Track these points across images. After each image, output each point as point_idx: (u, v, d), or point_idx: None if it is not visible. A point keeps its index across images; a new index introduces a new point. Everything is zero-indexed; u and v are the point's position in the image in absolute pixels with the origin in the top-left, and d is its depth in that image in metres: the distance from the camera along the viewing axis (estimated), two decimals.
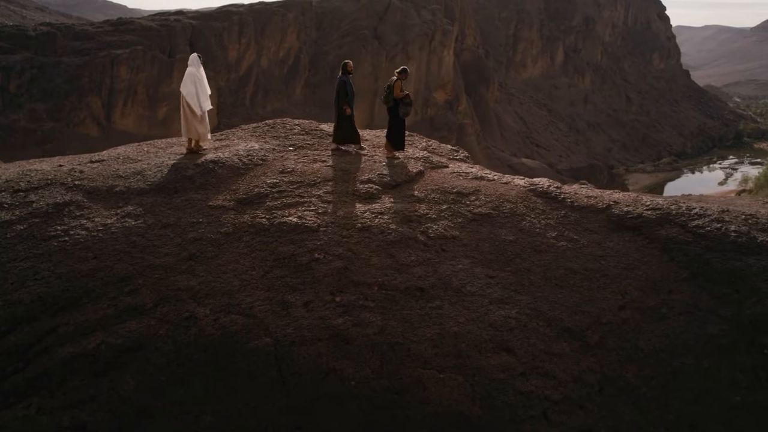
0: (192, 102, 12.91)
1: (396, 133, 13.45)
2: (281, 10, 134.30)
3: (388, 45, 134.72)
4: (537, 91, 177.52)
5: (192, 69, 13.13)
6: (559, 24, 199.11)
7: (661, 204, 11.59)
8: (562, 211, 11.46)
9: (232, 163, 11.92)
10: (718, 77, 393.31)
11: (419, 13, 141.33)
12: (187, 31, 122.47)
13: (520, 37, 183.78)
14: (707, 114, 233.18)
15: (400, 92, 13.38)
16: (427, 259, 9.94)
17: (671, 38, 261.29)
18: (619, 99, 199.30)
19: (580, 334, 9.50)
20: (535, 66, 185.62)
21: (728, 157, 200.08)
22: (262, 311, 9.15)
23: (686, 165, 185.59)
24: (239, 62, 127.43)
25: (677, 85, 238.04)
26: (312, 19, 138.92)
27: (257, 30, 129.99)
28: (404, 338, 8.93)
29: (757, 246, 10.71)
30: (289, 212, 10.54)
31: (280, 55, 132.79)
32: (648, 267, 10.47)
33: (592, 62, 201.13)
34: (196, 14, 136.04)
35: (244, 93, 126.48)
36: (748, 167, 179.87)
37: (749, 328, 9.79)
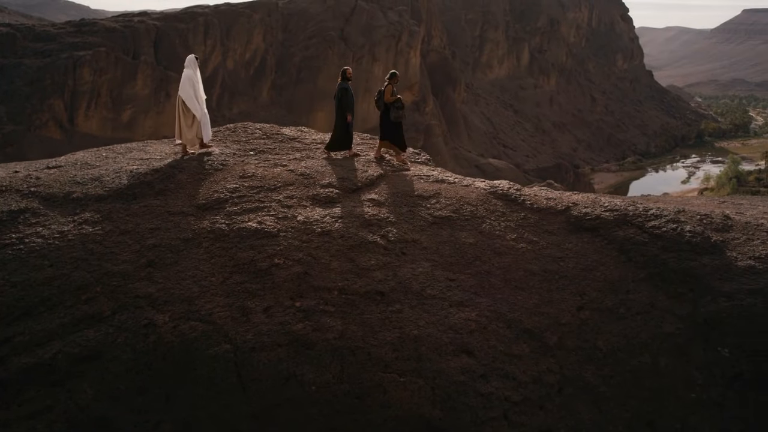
0: (191, 105, 12.81)
1: (391, 135, 13.54)
2: (247, 12, 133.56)
3: (355, 46, 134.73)
4: (503, 92, 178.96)
5: (189, 71, 13.04)
6: (524, 25, 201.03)
7: (618, 205, 11.76)
8: (521, 213, 11.56)
9: (191, 168, 11.82)
10: (680, 77, 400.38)
11: (385, 15, 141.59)
12: (152, 32, 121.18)
13: (486, 38, 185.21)
14: (670, 114, 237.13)
15: (391, 97, 13.45)
16: (387, 262, 9.96)
17: (634, 39, 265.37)
18: (584, 99, 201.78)
19: (540, 335, 9.59)
20: (501, 67, 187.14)
21: (691, 156, 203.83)
22: (222, 317, 9.09)
23: (650, 164, 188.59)
24: (204, 64, 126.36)
25: (641, 85, 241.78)
26: (278, 20, 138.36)
27: (223, 31, 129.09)
28: (364, 342, 8.94)
29: (711, 246, 10.91)
30: (248, 217, 10.49)
31: (246, 56, 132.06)
32: (606, 268, 10.60)
33: (557, 63, 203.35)
34: (161, 15, 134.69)
35: (209, 95, 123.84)
36: (710, 166, 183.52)
37: (704, 326, 9.96)
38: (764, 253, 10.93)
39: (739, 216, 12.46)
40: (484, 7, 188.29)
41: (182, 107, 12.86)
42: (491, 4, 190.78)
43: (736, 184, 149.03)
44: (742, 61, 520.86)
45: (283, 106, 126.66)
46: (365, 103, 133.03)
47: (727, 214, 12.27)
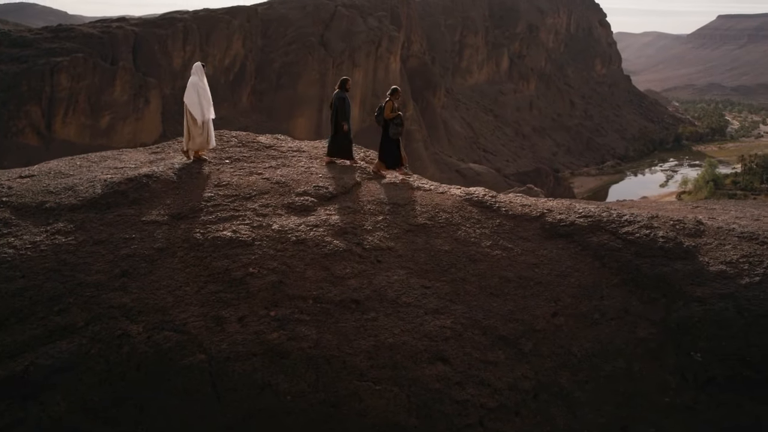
0: (195, 111, 12.85)
1: (388, 152, 13.41)
2: (226, 17, 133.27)
3: (335, 52, 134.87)
4: (483, 97, 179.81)
5: (195, 78, 13.15)
6: (503, 31, 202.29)
7: (592, 211, 11.86)
8: (497, 220, 11.62)
9: (166, 176, 11.76)
10: (657, 82, 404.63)
11: (365, 20, 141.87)
12: (130, 38, 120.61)
13: (466, 43, 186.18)
14: (648, 118, 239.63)
15: (391, 113, 13.36)
16: (362, 270, 9.96)
17: (612, 44, 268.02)
18: (564, 104, 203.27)
19: (515, 342, 9.63)
20: (480, 72, 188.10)
21: (669, 160, 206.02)
22: (196, 327, 9.04)
23: (629, 168, 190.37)
24: (184, 70, 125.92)
25: (619, 89, 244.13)
26: (257, 26, 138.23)
27: (202, 37, 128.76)
28: (340, 351, 8.93)
29: (684, 251, 11.03)
30: (223, 226, 10.45)
31: (226, 62, 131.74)
32: (580, 274, 10.68)
33: (536, 68, 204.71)
34: (139, 21, 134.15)
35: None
36: (688, 169, 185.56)
37: (676, 331, 10.06)
38: (735, 257, 11.07)
39: (712, 221, 12.60)
40: (463, 12, 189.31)
41: (189, 114, 12.96)
42: (471, 9, 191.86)
43: (714, 187, 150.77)
44: (718, 66, 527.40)
45: (263, 112, 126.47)
46: None
47: (700, 219, 12.41)
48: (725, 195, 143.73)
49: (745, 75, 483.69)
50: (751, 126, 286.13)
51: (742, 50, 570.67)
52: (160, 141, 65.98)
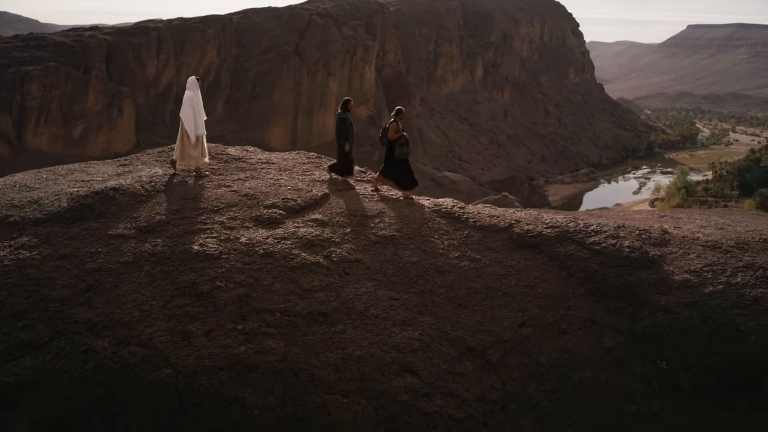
0: (189, 127, 12.86)
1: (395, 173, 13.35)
2: (201, 26, 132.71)
3: (310, 61, 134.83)
4: (458, 106, 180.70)
5: (190, 93, 13.16)
6: (478, 40, 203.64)
7: (560, 222, 11.97)
8: (465, 231, 11.69)
9: (133, 189, 11.68)
10: (629, 90, 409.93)
11: (340, 30, 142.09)
12: (103, 47, 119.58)
13: (441, 52, 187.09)
14: (621, 126, 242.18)
15: (395, 134, 13.33)
16: (330, 283, 9.96)
17: (585, 53, 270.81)
18: (538, 112, 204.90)
19: (483, 353, 9.68)
20: (455, 81, 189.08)
21: (641, 167, 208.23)
22: (163, 342, 8.98)
23: (603, 175, 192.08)
24: (158, 79, 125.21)
25: (592, 98, 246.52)
26: (232, 35, 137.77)
27: (176, 46, 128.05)
28: (307, 364, 8.92)
29: (649, 261, 11.18)
30: (190, 239, 10.40)
31: (200, 71, 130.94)
32: (547, 284, 10.78)
33: (510, 77, 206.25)
34: (113, 30, 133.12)
35: (163, 110, 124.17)
36: (660, 176, 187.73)
37: (642, 340, 10.18)
38: (699, 266, 11.24)
39: (677, 230, 12.79)
40: (438, 22, 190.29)
41: (184, 129, 12.98)
42: (445, 19, 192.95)
43: (686, 194, 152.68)
44: (689, 75, 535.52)
45: (239, 121, 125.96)
46: (320, 117, 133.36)
47: (665, 229, 12.59)
48: (697, 202, 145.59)
49: (714, 84, 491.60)
50: (721, 134, 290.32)
51: (711, 59, 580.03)
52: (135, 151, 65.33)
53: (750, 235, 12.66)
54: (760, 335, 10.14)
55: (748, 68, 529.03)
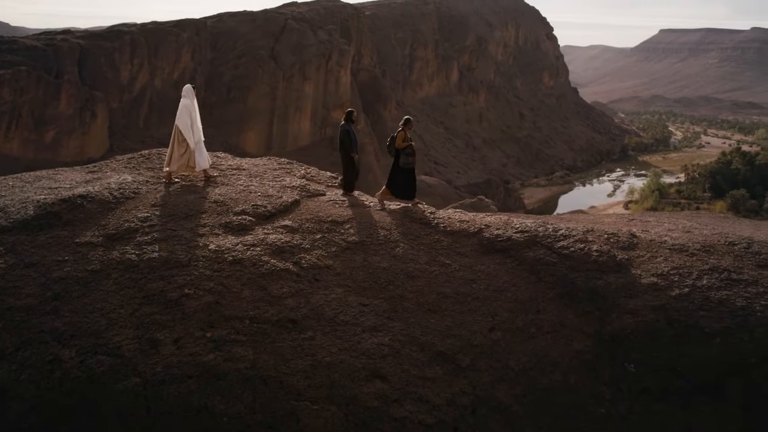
0: (187, 135, 12.91)
1: (399, 183, 13.42)
2: (175, 30, 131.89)
3: (285, 65, 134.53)
4: (434, 110, 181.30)
5: (186, 101, 13.21)
6: (453, 44, 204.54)
7: (529, 226, 12.07)
8: (435, 236, 11.73)
9: (102, 197, 11.57)
10: (603, 94, 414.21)
11: (315, 34, 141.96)
12: (75, 51, 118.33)
13: (416, 56, 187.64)
14: (595, 129, 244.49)
15: (402, 143, 13.36)
16: (299, 290, 9.95)
17: (559, 57, 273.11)
18: (513, 116, 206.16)
19: (453, 357, 9.72)
20: (431, 85, 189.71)
21: (616, 170, 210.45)
22: (131, 350, 8.92)
23: (577, 178, 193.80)
24: (132, 83, 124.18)
25: (567, 101, 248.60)
26: (207, 39, 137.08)
27: (150, 50, 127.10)
28: (277, 371, 8.90)
29: (617, 264, 11.30)
30: (159, 247, 10.33)
31: (175, 75, 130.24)
32: (517, 288, 10.85)
33: (485, 81, 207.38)
34: (85, 34, 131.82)
35: (137, 115, 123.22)
36: (634, 179, 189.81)
37: (610, 343, 10.27)
38: (666, 269, 11.38)
39: (645, 234, 12.93)
40: (413, 26, 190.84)
41: (178, 136, 12.99)
42: (420, 23, 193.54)
43: (659, 196, 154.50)
44: (661, 78, 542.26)
45: (214, 125, 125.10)
46: (295, 122, 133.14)
47: (634, 233, 12.73)
48: (670, 204, 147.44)
49: (686, 87, 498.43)
50: (693, 137, 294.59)
51: (683, 63, 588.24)
52: (108, 156, 64.32)
53: (716, 238, 12.84)
54: (725, 337, 10.28)
55: (718, 72, 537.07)
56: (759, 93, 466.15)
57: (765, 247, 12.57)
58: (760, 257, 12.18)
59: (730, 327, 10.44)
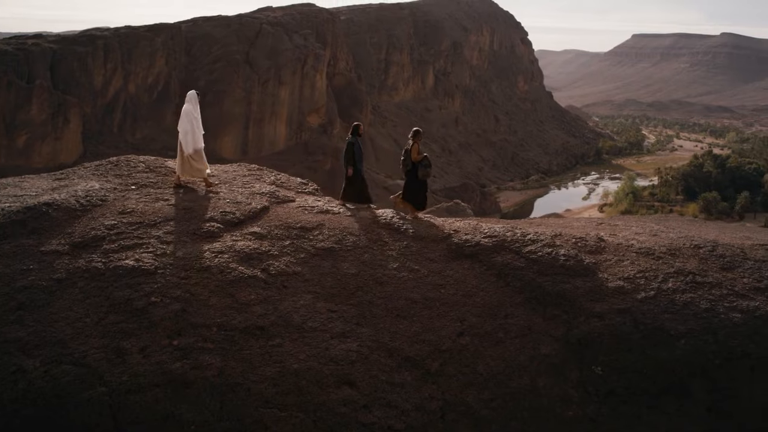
0: (183, 140, 12.93)
1: (415, 194, 13.70)
2: (149, 35, 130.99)
3: (260, 69, 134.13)
4: (409, 114, 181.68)
5: (189, 107, 13.23)
6: (428, 48, 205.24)
7: (497, 231, 12.15)
8: (404, 242, 11.77)
9: (68, 204, 11.46)
10: (578, 98, 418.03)
11: (291, 38, 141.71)
12: (48, 55, 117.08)
13: (392, 61, 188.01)
14: (570, 133, 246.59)
15: (418, 155, 13.55)
16: (267, 296, 9.93)
17: (534, 62, 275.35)
18: (488, 120, 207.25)
19: (421, 363, 9.75)
20: (406, 89, 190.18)
21: (590, 173, 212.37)
22: (96, 359, 8.84)
23: (553, 181, 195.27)
24: (105, 88, 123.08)
25: (541, 105, 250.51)
26: (181, 43, 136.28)
27: (124, 55, 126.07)
28: (244, 378, 8.88)
29: (584, 268, 11.42)
30: (126, 255, 10.26)
31: (149, 80, 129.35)
32: (485, 293, 10.92)
33: (461, 85, 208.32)
34: (57, 38, 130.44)
35: (111, 120, 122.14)
36: (609, 182, 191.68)
37: (578, 346, 10.37)
38: (632, 273, 11.52)
39: (613, 237, 13.08)
40: (388, 30, 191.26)
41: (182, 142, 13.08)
42: (395, 27, 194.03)
43: (633, 199, 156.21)
44: (634, 83, 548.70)
45: None
46: (271, 126, 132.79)
47: (601, 236, 12.87)
48: (644, 206, 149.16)
49: (659, 91, 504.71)
50: (666, 140, 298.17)
51: (655, 68, 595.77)
52: (82, 161, 63.74)
53: (682, 241, 13.03)
54: (689, 339, 10.43)
55: (690, 76, 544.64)
56: (729, 97, 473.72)
57: (729, 250, 12.78)
58: (724, 260, 12.38)
59: (694, 329, 10.60)
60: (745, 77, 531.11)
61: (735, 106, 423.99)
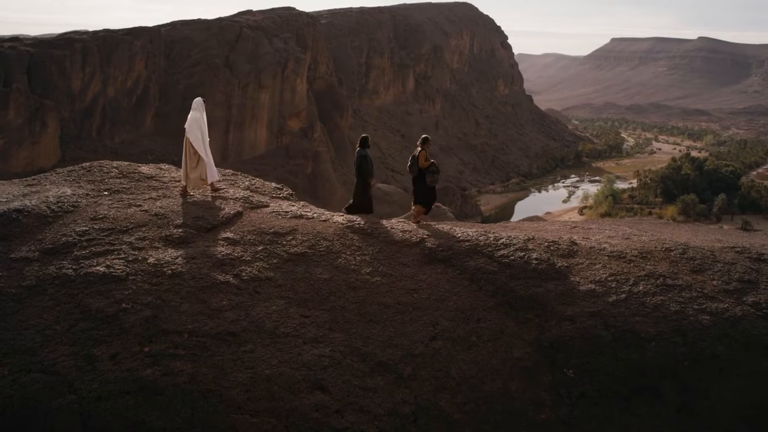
0: (198, 147, 13.08)
1: (427, 198, 14.14)
2: (128, 38, 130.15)
3: (241, 73, 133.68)
4: (390, 118, 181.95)
5: (196, 114, 13.35)
6: (409, 52, 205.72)
7: (470, 235, 12.22)
8: (377, 247, 11.80)
9: (39, 211, 11.37)
10: (557, 101, 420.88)
11: (271, 42, 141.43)
12: (24, 59, 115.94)
13: (372, 65, 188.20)
14: (550, 136, 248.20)
15: (425, 162, 13.84)
16: (239, 302, 9.91)
17: (514, 65, 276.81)
18: (469, 123, 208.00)
19: (394, 367, 9.78)
20: (387, 93, 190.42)
21: (570, 176, 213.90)
22: (66, 367, 8.78)
23: (533, 184, 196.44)
24: (83, 92, 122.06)
25: (522, 109, 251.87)
26: (160, 47, 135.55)
27: (103, 58, 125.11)
28: (216, 385, 8.86)
29: (556, 272, 11.51)
30: (97, 261, 10.19)
31: (128, 84, 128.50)
32: (458, 297, 10.97)
33: (441, 88, 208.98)
34: (34, 41, 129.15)
35: (89, 124, 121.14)
36: (588, 185, 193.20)
37: (550, 349, 10.46)
38: (604, 276, 11.64)
39: (585, 241, 13.20)
40: (369, 34, 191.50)
41: (189, 149, 13.15)
42: (376, 31, 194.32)
43: (612, 201, 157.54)
44: (613, 86, 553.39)
45: (168, 134, 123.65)
46: (252, 130, 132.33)
47: (574, 240, 12.98)
48: (623, 209, 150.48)
49: (637, 95, 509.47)
50: (644, 143, 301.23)
51: (634, 71, 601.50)
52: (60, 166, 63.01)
53: (653, 244, 13.18)
54: (659, 341, 10.56)
55: (667, 80, 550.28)
56: (706, 100, 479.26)
57: (700, 253, 12.95)
58: (694, 262, 12.54)
59: (664, 331, 10.73)
60: (721, 81, 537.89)
61: (712, 110, 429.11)
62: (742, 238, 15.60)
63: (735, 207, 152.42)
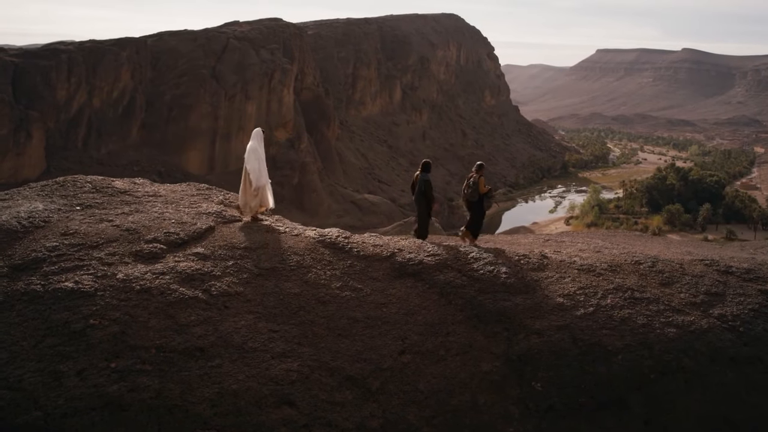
0: (254, 177, 13.32)
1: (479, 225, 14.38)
2: (114, 49, 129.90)
3: (227, 84, 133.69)
4: (377, 128, 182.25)
5: (254, 143, 13.61)
6: (395, 63, 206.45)
7: (440, 250, 12.32)
8: (348, 261, 11.87)
9: (9, 226, 11.36)
10: (544, 112, 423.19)
11: (258, 53, 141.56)
12: (9, 69, 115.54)
13: (359, 75, 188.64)
14: (536, 146, 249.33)
15: (485, 187, 14.26)
16: (208, 317, 9.95)
17: (501, 76, 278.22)
18: (456, 134, 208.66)
19: (362, 381, 9.83)
20: (374, 104, 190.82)
21: (557, 186, 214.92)
22: (32, 383, 8.77)
23: (520, 195, 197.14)
24: (69, 103, 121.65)
25: (508, 119, 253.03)
26: (147, 58, 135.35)
27: (88, 69, 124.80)
28: (183, 400, 8.88)
29: (525, 285, 11.63)
30: (66, 277, 10.19)
31: (114, 95, 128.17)
32: (427, 311, 11.06)
33: (428, 99, 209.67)
34: (19, 51, 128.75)
35: (75, 135, 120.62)
36: (575, 195, 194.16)
37: (518, 363, 10.55)
38: (573, 289, 11.77)
39: (557, 254, 13.34)
40: (356, 45, 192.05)
41: (248, 179, 13.42)
42: (363, 42, 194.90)
43: (599, 211, 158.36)
44: (599, 97, 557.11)
45: (154, 145, 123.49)
46: (238, 141, 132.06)
47: (545, 254, 13.12)
48: (609, 219, 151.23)
49: (623, 105, 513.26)
50: (630, 153, 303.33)
51: (619, 82, 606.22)
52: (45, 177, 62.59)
53: (623, 257, 13.33)
54: (626, 354, 10.69)
55: (653, 91, 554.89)
56: (691, 111, 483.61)
57: (669, 266, 13.11)
58: (663, 275, 12.70)
59: (631, 344, 10.87)
60: (705, 92, 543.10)
61: (696, 120, 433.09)
62: (713, 250, 15.80)
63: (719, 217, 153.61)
